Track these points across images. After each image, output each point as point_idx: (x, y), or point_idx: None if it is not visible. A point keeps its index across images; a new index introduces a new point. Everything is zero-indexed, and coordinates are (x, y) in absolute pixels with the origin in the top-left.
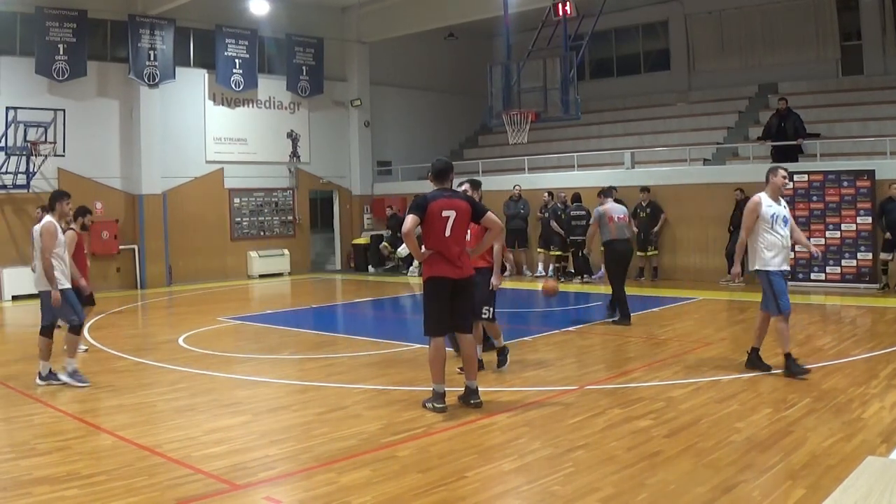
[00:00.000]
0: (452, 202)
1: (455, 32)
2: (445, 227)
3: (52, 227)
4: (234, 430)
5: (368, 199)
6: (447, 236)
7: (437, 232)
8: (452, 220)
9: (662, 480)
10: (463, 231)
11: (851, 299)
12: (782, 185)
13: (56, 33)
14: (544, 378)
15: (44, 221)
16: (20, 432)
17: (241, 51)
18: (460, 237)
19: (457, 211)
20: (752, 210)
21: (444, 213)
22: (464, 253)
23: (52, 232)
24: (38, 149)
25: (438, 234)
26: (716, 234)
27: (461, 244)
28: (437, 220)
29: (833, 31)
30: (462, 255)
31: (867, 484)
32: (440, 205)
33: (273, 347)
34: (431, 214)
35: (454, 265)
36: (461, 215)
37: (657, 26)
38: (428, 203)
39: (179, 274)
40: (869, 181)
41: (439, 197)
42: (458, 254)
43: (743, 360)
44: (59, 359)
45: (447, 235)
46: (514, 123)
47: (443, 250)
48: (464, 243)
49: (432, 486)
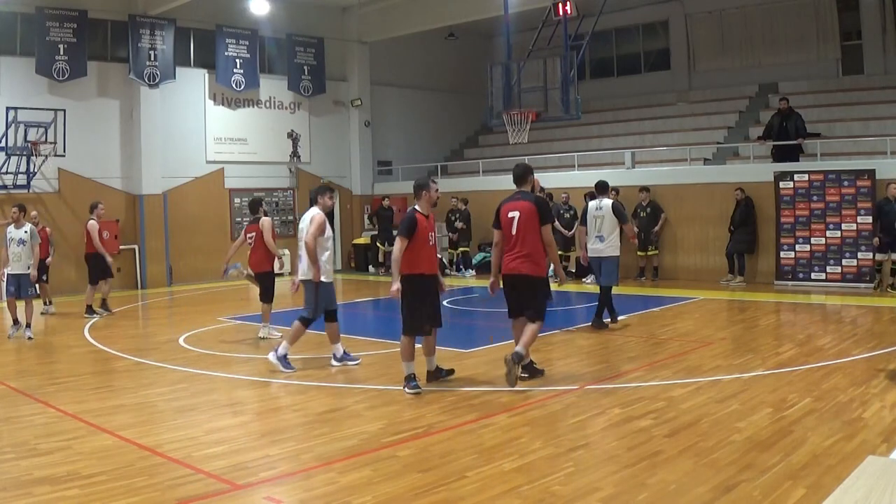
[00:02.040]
0: (518, 204)
1: (455, 32)
2: (511, 227)
3: (321, 218)
4: (235, 430)
5: (369, 199)
6: (512, 234)
7: (506, 233)
8: (517, 220)
9: (663, 480)
10: (527, 230)
11: (851, 299)
12: None
13: (56, 33)
14: (544, 378)
15: (312, 211)
16: (21, 432)
17: (241, 51)
18: (524, 236)
19: (521, 212)
20: None
21: (510, 215)
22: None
23: (320, 224)
24: (39, 149)
25: (507, 233)
26: (716, 234)
27: (525, 242)
28: (505, 220)
29: (833, 31)
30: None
31: (867, 484)
32: (507, 207)
33: (273, 348)
34: (500, 216)
35: (513, 261)
36: (525, 215)
37: (657, 26)
38: (499, 207)
39: (180, 274)
40: (869, 181)
41: (509, 200)
42: (520, 251)
43: (743, 360)
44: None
45: (512, 234)
46: (514, 123)
47: (507, 247)
48: (529, 242)
49: (432, 486)
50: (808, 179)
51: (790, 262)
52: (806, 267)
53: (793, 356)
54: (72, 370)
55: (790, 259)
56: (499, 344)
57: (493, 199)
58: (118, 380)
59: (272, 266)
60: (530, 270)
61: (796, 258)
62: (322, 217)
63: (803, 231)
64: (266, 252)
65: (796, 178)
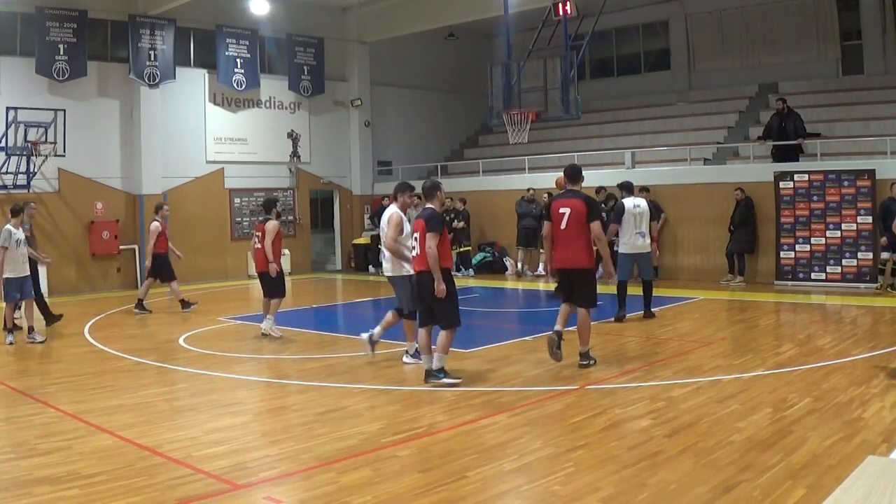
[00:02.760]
0: (569, 201)
1: (455, 32)
2: (561, 222)
3: (397, 218)
4: (235, 430)
5: (369, 199)
6: (562, 229)
7: (556, 227)
8: (567, 216)
9: (663, 480)
10: (576, 225)
11: (851, 299)
12: None
13: (56, 33)
14: (544, 378)
15: (389, 210)
16: (21, 432)
17: (241, 51)
18: (574, 230)
19: (571, 209)
20: None
21: (561, 210)
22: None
23: (397, 223)
24: (39, 149)
25: (556, 227)
26: (716, 234)
27: (574, 236)
28: (556, 215)
29: (833, 31)
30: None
31: (867, 484)
32: (558, 203)
33: (273, 347)
34: (552, 211)
35: (563, 254)
36: (575, 212)
37: (657, 26)
38: (550, 203)
39: (180, 274)
40: (869, 181)
41: (560, 197)
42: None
43: (743, 360)
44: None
45: (562, 228)
46: (514, 123)
47: (560, 245)
48: (578, 237)
49: (432, 486)
50: (808, 179)
51: (790, 262)
52: (806, 267)
53: (793, 356)
54: (72, 370)
55: (790, 259)
56: (499, 344)
57: (494, 199)
58: (118, 380)
59: (279, 265)
60: (578, 263)
61: (796, 258)
62: (399, 217)
63: (803, 231)
64: (272, 252)
65: (796, 178)
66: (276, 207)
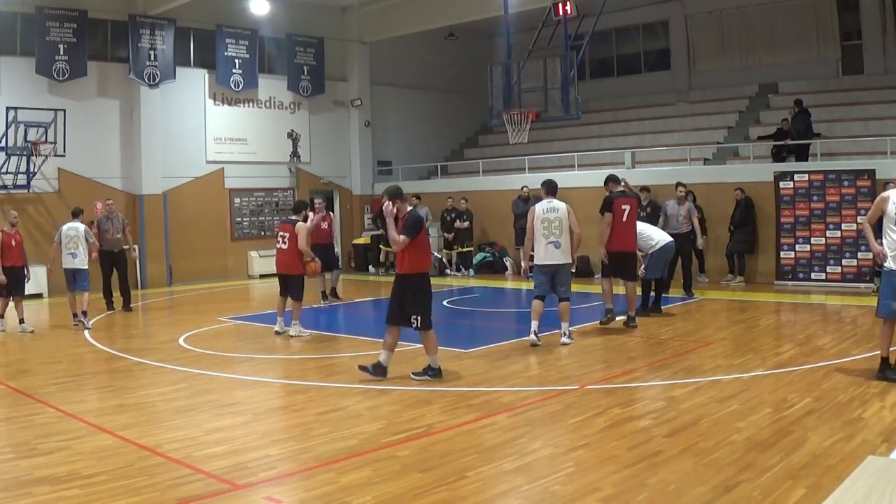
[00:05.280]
0: (628, 199)
1: (455, 32)
2: (623, 216)
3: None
4: (235, 430)
5: (369, 199)
6: (623, 221)
7: (618, 219)
8: (628, 212)
9: (663, 480)
10: (634, 218)
11: (851, 299)
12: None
13: (56, 33)
14: (544, 378)
15: (564, 205)
16: (21, 432)
17: (241, 51)
18: (633, 222)
19: (630, 206)
20: (878, 205)
21: (623, 207)
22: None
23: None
24: (39, 149)
25: (618, 221)
26: (716, 234)
27: (631, 228)
28: (619, 211)
29: (833, 31)
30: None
31: (868, 484)
32: (620, 201)
33: (273, 347)
34: (614, 207)
35: (623, 241)
36: (633, 209)
37: (657, 26)
38: (613, 200)
39: (180, 274)
40: (869, 181)
41: (620, 195)
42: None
43: (743, 360)
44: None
45: (623, 221)
46: (514, 123)
47: (621, 233)
48: (633, 228)
49: (432, 486)
50: (808, 179)
51: (790, 262)
52: (806, 267)
53: (793, 356)
54: (72, 370)
55: (790, 259)
56: (499, 344)
57: (494, 199)
58: (118, 380)
59: (302, 268)
60: (633, 248)
61: (796, 258)
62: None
63: (803, 231)
64: (297, 254)
65: (796, 178)
66: (305, 209)
